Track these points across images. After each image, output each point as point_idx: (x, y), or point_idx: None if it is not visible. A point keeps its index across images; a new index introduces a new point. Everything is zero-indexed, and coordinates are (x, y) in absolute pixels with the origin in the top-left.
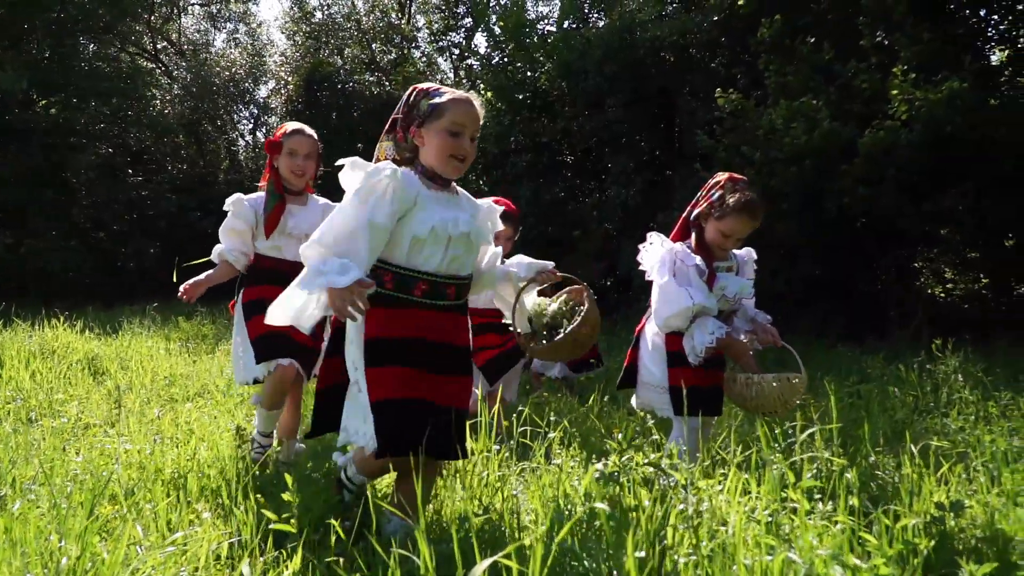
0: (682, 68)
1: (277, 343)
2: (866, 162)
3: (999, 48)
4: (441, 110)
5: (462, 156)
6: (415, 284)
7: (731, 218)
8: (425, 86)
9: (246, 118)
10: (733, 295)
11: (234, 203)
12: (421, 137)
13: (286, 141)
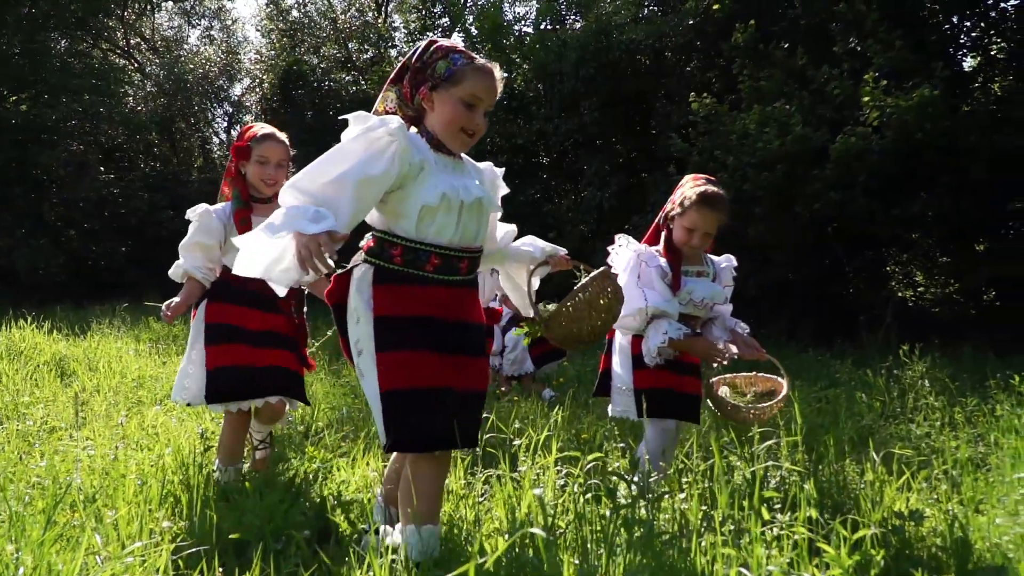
0: (657, 71)
1: (241, 378)
2: (837, 167)
3: (971, 55)
4: (459, 76)
5: (472, 131)
6: (427, 258)
7: (692, 211)
8: (444, 43)
9: (220, 116)
10: (701, 299)
11: (201, 216)
12: (431, 101)
13: (255, 147)
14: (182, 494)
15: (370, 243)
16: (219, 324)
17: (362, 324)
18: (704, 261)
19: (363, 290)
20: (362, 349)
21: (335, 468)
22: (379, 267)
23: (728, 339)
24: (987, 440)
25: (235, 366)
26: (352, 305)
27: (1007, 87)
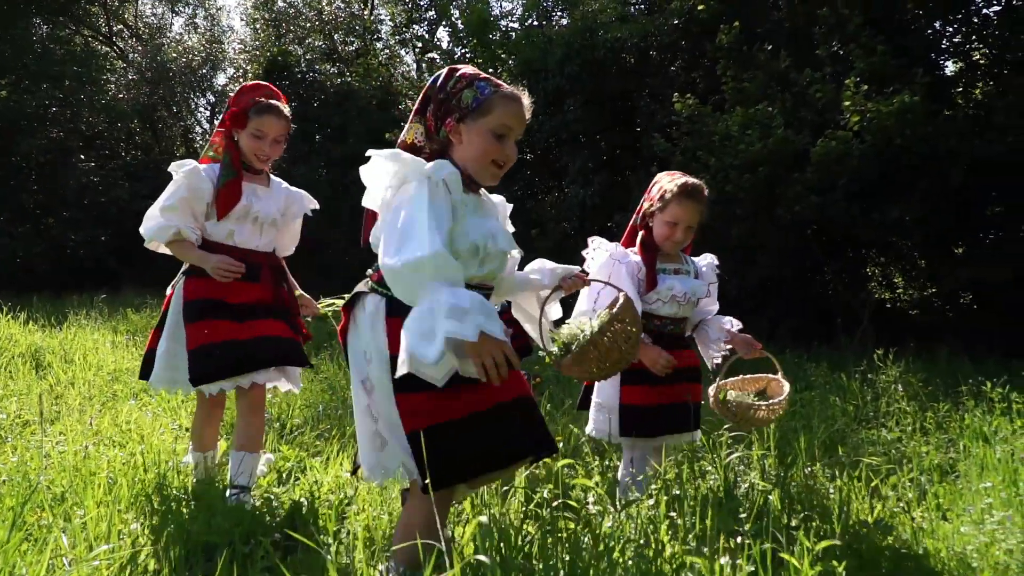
0: (642, 70)
1: (226, 355)
2: (818, 170)
3: (952, 60)
4: (487, 106)
5: (503, 162)
6: None
7: (673, 204)
8: (467, 71)
9: (203, 106)
10: (683, 294)
11: (190, 173)
12: (459, 133)
13: (253, 118)
14: (153, 495)
15: (378, 276)
16: (198, 300)
17: (375, 364)
18: (683, 259)
19: (376, 324)
20: (373, 387)
21: (308, 468)
22: (392, 300)
23: (725, 339)
24: (957, 446)
25: (219, 342)
26: (363, 341)
27: (988, 92)
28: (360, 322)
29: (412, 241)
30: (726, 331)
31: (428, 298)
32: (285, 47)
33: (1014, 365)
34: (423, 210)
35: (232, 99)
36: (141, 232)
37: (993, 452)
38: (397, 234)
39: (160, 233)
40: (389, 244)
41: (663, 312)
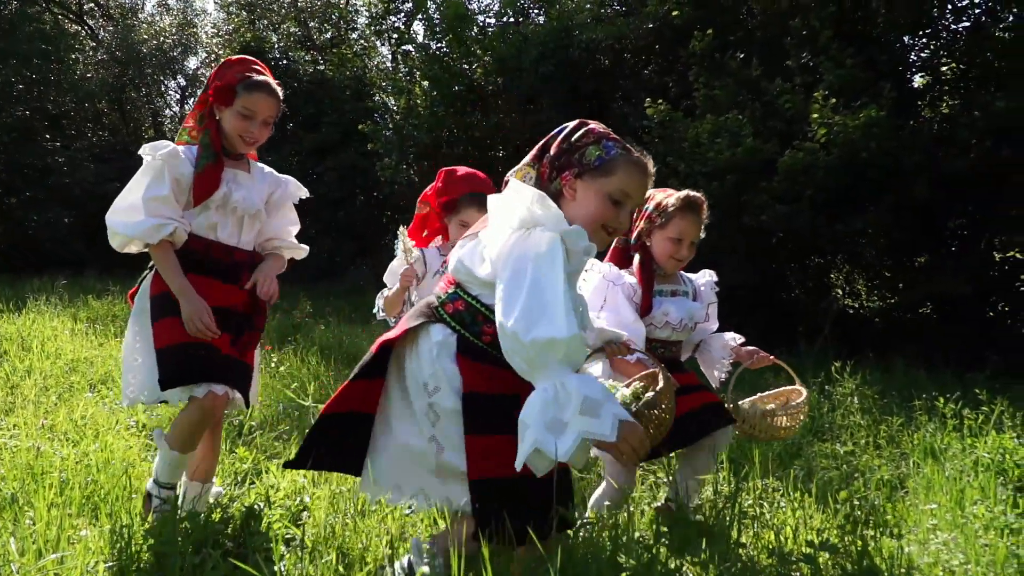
0: (616, 72)
1: (198, 358)
2: (785, 180)
3: (920, 75)
4: (610, 167)
5: (614, 229)
6: None
7: (676, 218)
8: (598, 127)
9: (174, 89)
10: (679, 320)
11: (171, 156)
12: (573, 189)
13: (242, 95)
14: (101, 502)
15: (458, 305)
16: (165, 294)
17: (446, 395)
18: (681, 279)
19: (442, 357)
20: (440, 418)
21: (265, 471)
22: (465, 339)
23: (730, 358)
24: (908, 462)
25: (191, 342)
26: (424, 371)
27: (953, 107)
28: (422, 351)
29: (547, 317)
30: (730, 348)
31: (554, 384)
32: (259, 33)
33: (968, 379)
34: (559, 280)
35: (214, 73)
36: (117, 229)
37: (942, 470)
38: (526, 298)
39: (151, 233)
40: (513, 307)
41: (655, 336)
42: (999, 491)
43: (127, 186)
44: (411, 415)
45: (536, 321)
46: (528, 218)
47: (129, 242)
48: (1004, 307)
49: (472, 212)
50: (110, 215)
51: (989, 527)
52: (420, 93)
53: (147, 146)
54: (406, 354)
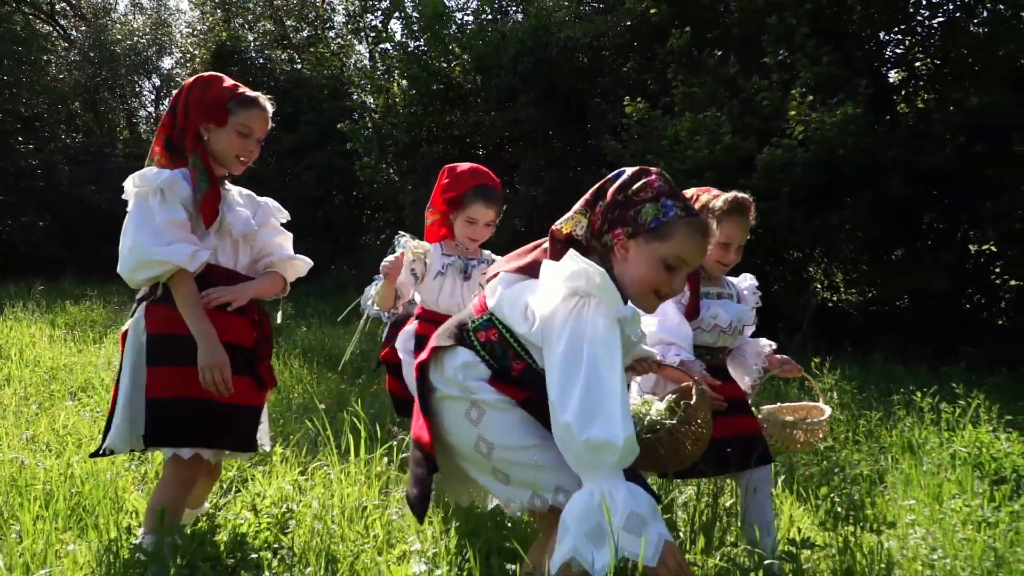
0: (595, 70)
1: (195, 418)
2: (763, 177)
3: (895, 70)
4: (668, 231)
5: (666, 295)
6: (540, 387)
7: (725, 222)
8: (657, 180)
9: (148, 89)
10: (728, 324)
11: (169, 180)
12: (625, 249)
13: (237, 112)
14: (87, 516)
15: (491, 335)
16: (166, 336)
17: (481, 388)
18: (725, 283)
19: (468, 379)
20: (482, 414)
21: (250, 479)
22: (495, 368)
23: (762, 364)
24: (888, 456)
25: (191, 398)
26: (455, 385)
27: (929, 102)
28: (446, 369)
29: (604, 416)
30: (763, 355)
31: (600, 487)
32: (234, 32)
33: (944, 372)
34: (617, 373)
35: (191, 95)
36: (153, 256)
37: (920, 465)
38: (583, 390)
39: (189, 259)
40: (569, 395)
41: (701, 341)
42: (976, 484)
43: (132, 217)
44: (450, 427)
45: (592, 419)
46: (584, 289)
47: (159, 270)
48: (980, 299)
49: (478, 207)
50: (134, 245)
51: (967, 521)
52: (399, 92)
53: (134, 177)
54: (430, 370)
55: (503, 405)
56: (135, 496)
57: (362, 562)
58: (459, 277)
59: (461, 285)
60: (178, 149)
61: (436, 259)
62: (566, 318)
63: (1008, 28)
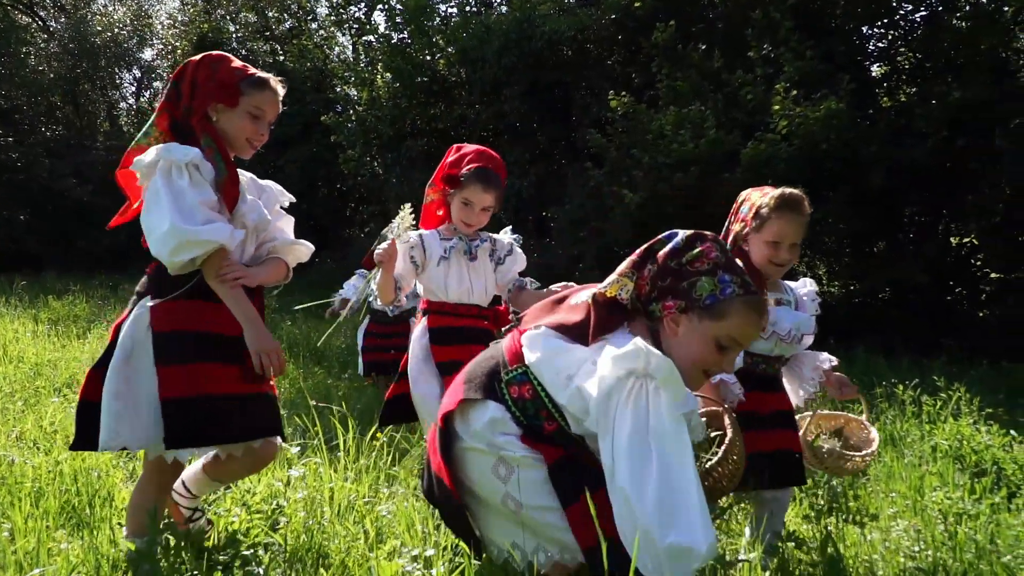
0: (579, 63)
1: (219, 415)
2: (747, 171)
3: (877, 64)
4: (724, 310)
5: (714, 373)
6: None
7: (774, 220)
8: (713, 249)
9: (129, 81)
10: (788, 332)
11: (199, 158)
12: (676, 324)
13: (249, 93)
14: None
15: (524, 391)
16: (176, 333)
17: (511, 444)
18: (782, 288)
19: (496, 434)
20: (511, 471)
21: None
22: (525, 426)
23: (819, 379)
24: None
25: (205, 396)
26: (482, 439)
27: (911, 96)
28: (471, 421)
29: (685, 520)
30: (821, 370)
31: None
32: (215, 23)
33: (925, 365)
34: (692, 473)
35: (204, 72)
36: (197, 236)
37: (902, 457)
38: (659, 490)
39: (231, 237)
40: (643, 493)
41: (757, 348)
42: (957, 477)
43: (160, 194)
44: (476, 477)
45: (672, 522)
46: (641, 371)
47: (199, 250)
48: (961, 292)
49: (475, 189)
50: (170, 226)
51: (948, 513)
52: (382, 84)
53: (159, 148)
54: (455, 420)
55: (533, 462)
56: (124, 493)
57: (353, 558)
58: (464, 259)
59: (468, 268)
60: (184, 130)
61: (435, 245)
62: (624, 401)
63: (990, 22)
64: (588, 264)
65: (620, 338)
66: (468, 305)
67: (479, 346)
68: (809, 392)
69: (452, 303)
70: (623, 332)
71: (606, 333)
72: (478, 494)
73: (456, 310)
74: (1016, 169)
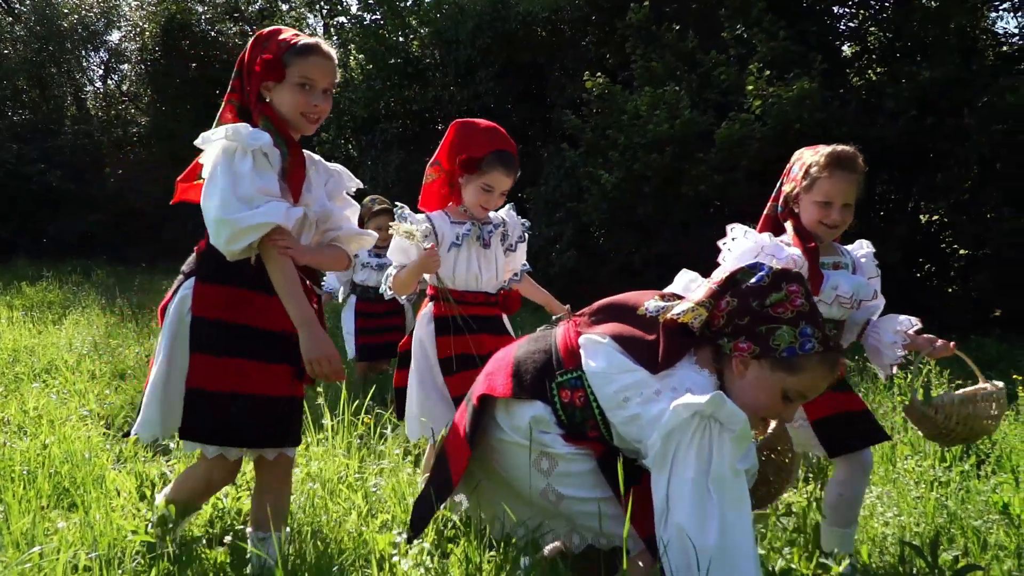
0: (554, 44)
1: (244, 415)
2: (721, 151)
3: (848, 44)
4: (799, 366)
5: (771, 419)
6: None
7: (823, 178)
8: (797, 295)
9: (96, 64)
10: (849, 296)
11: (270, 146)
12: (745, 366)
13: (293, 63)
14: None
15: (576, 398)
16: (215, 322)
17: (553, 440)
18: (838, 251)
19: (539, 433)
20: (554, 464)
21: None
22: (567, 426)
23: (904, 342)
24: None
25: (241, 394)
26: (520, 440)
27: (881, 75)
28: (514, 416)
29: (741, 571)
30: (903, 333)
31: None
32: (184, 4)
33: None
34: (749, 527)
35: (254, 52)
36: (240, 223)
37: None
38: (720, 538)
39: (287, 215)
40: (707, 536)
41: (827, 314)
42: (927, 446)
43: (217, 179)
44: (512, 469)
45: (731, 573)
46: (709, 414)
47: (255, 235)
48: (931, 268)
49: (498, 175)
50: (222, 216)
51: (920, 481)
52: (356, 66)
53: (227, 128)
54: (497, 409)
55: (577, 457)
56: (113, 475)
57: (346, 530)
58: (476, 246)
59: (479, 255)
60: (248, 115)
61: (446, 230)
62: (689, 442)
63: (959, 2)
64: (564, 245)
65: (687, 370)
66: (475, 292)
67: (486, 335)
68: (893, 359)
69: (459, 290)
70: (689, 362)
71: (674, 362)
72: (511, 483)
73: (463, 297)
74: (983, 147)
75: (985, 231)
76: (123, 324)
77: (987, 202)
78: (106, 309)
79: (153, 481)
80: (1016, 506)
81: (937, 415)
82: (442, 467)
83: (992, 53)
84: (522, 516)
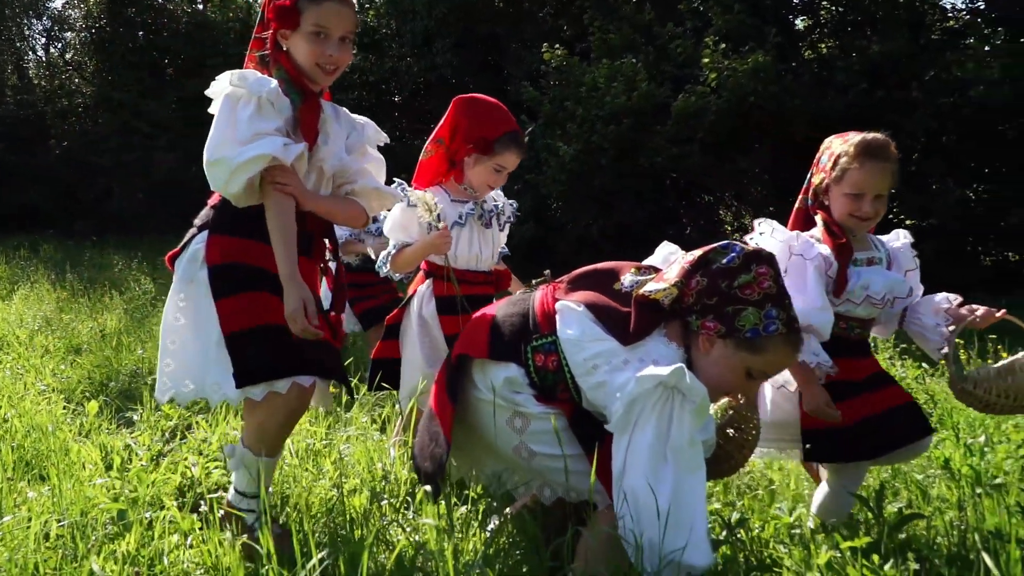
0: (511, 15)
1: (286, 346)
2: (677, 124)
3: (800, 18)
4: (762, 346)
5: (733, 396)
6: None
7: (854, 169)
8: (766, 277)
9: (38, 32)
10: (882, 296)
11: (275, 93)
12: (711, 344)
13: (308, 9)
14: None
15: (550, 362)
16: (232, 265)
17: (526, 400)
18: (872, 244)
19: (507, 391)
20: (527, 422)
21: (195, 425)
22: (539, 387)
23: (948, 323)
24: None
25: (276, 325)
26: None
27: (832, 49)
28: (492, 380)
29: (691, 542)
30: (944, 311)
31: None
32: None
33: None
34: (702, 496)
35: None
36: (230, 161)
37: None
38: (671, 502)
39: (284, 150)
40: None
41: (854, 313)
42: None
43: (216, 124)
44: (486, 426)
45: (677, 536)
46: (673, 385)
47: (252, 169)
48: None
49: (510, 156)
50: (216, 157)
51: None
52: None
53: (233, 74)
54: (473, 368)
55: (548, 416)
56: (78, 447)
57: (316, 496)
58: (478, 225)
59: (480, 234)
60: (268, 64)
61: (448, 209)
62: (651, 408)
63: None
64: (523, 217)
65: (656, 343)
66: (475, 272)
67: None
68: (940, 341)
69: (460, 269)
70: (659, 336)
71: (644, 335)
72: (488, 441)
73: (463, 276)
74: (930, 120)
75: (931, 202)
76: (75, 299)
77: (933, 173)
78: (56, 284)
79: (119, 452)
80: (957, 461)
81: (976, 389)
82: (432, 424)
83: (939, 28)
84: (496, 470)
